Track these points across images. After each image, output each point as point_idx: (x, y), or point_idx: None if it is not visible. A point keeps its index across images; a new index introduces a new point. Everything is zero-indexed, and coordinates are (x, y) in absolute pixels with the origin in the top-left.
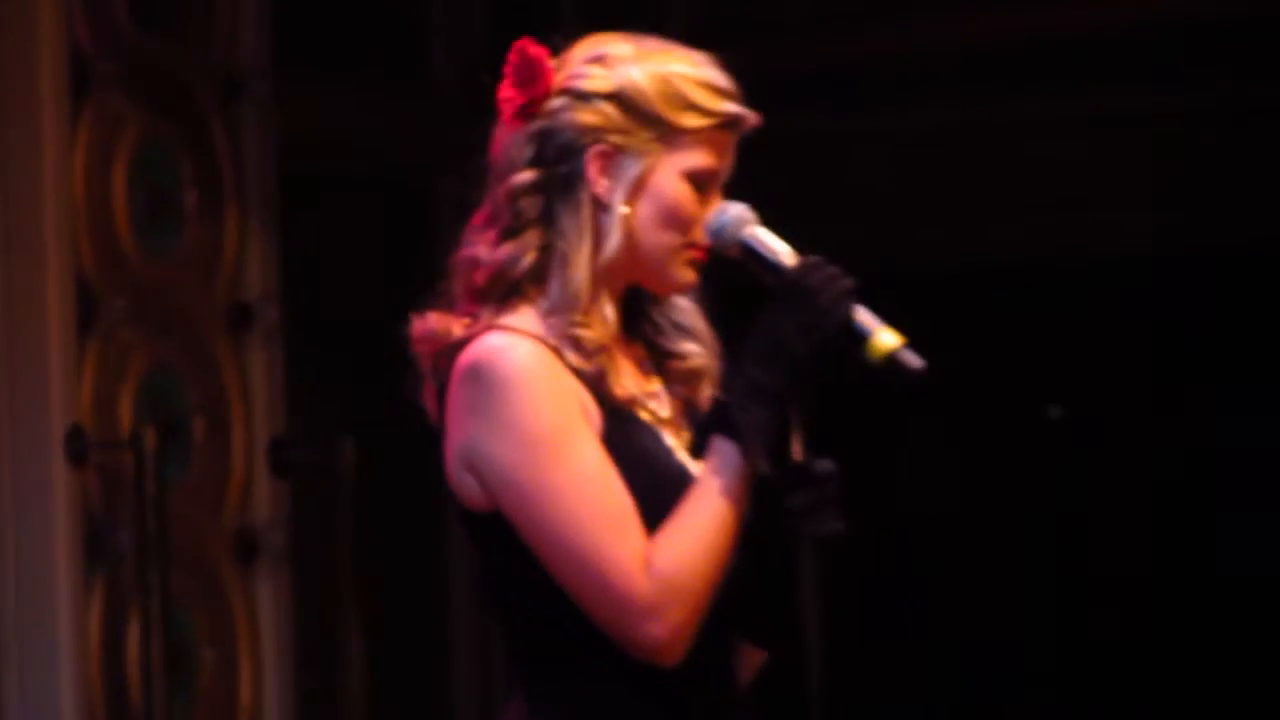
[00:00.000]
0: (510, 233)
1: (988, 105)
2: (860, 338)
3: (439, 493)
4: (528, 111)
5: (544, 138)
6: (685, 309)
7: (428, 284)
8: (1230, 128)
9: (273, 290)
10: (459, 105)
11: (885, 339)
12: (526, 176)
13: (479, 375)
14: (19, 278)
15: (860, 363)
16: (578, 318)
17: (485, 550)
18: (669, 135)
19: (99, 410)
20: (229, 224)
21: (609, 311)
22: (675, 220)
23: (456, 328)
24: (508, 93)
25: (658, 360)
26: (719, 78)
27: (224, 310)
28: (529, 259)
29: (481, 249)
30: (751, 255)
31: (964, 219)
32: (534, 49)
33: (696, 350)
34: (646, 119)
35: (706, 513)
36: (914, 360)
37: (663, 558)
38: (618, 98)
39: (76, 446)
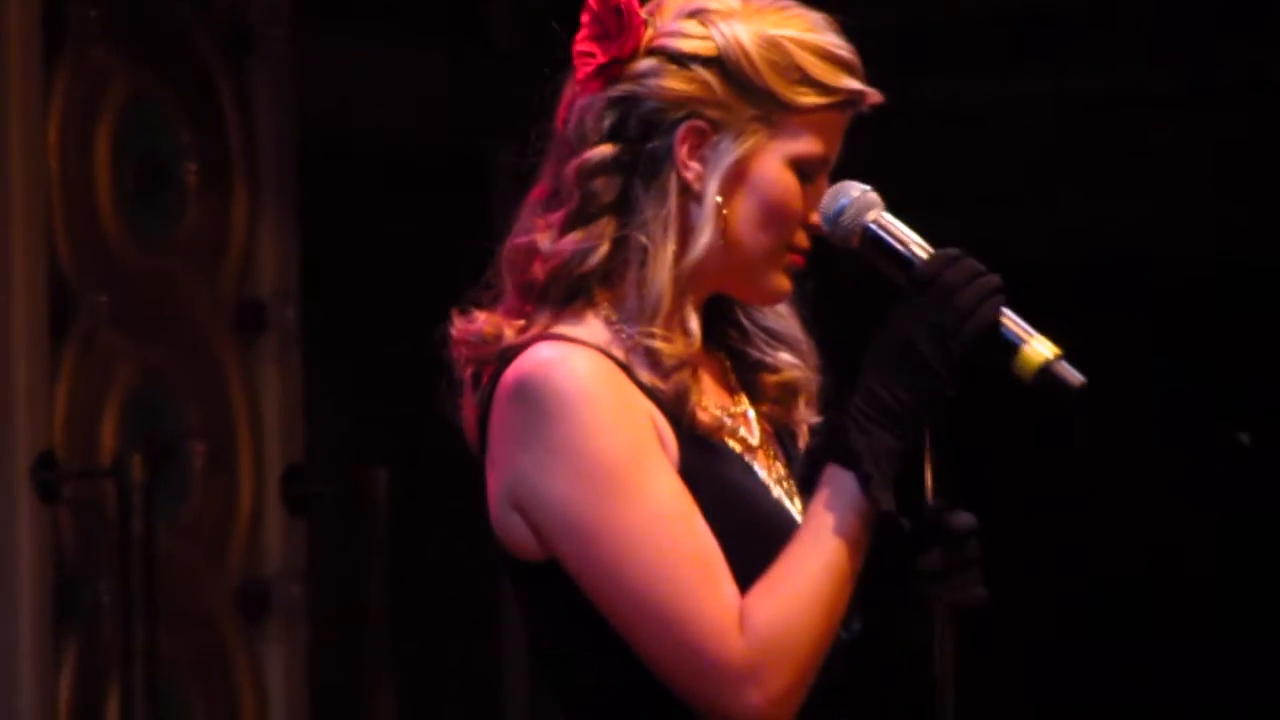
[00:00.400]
0: (579, 219)
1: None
2: (1008, 347)
3: (489, 534)
4: (609, 72)
5: (627, 106)
6: (777, 312)
7: (479, 278)
8: None
9: (290, 286)
10: (518, 59)
11: (1038, 349)
12: (603, 151)
13: (527, 394)
14: None
15: (1007, 376)
16: (656, 328)
17: (538, 607)
18: (777, 114)
19: (74, 432)
20: (237, 204)
21: (692, 321)
22: (777, 218)
23: (509, 331)
24: (585, 46)
25: (743, 373)
26: (840, 46)
27: (231, 310)
28: (601, 253)
29: (542, 237)
30: (876, 246)
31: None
32: None
33: (791, 361)
34: (752, 92)
35: (817, 558)
36: (1073, 375)
37: (762, 612)
38: (719, 64)
39: (46, 477)
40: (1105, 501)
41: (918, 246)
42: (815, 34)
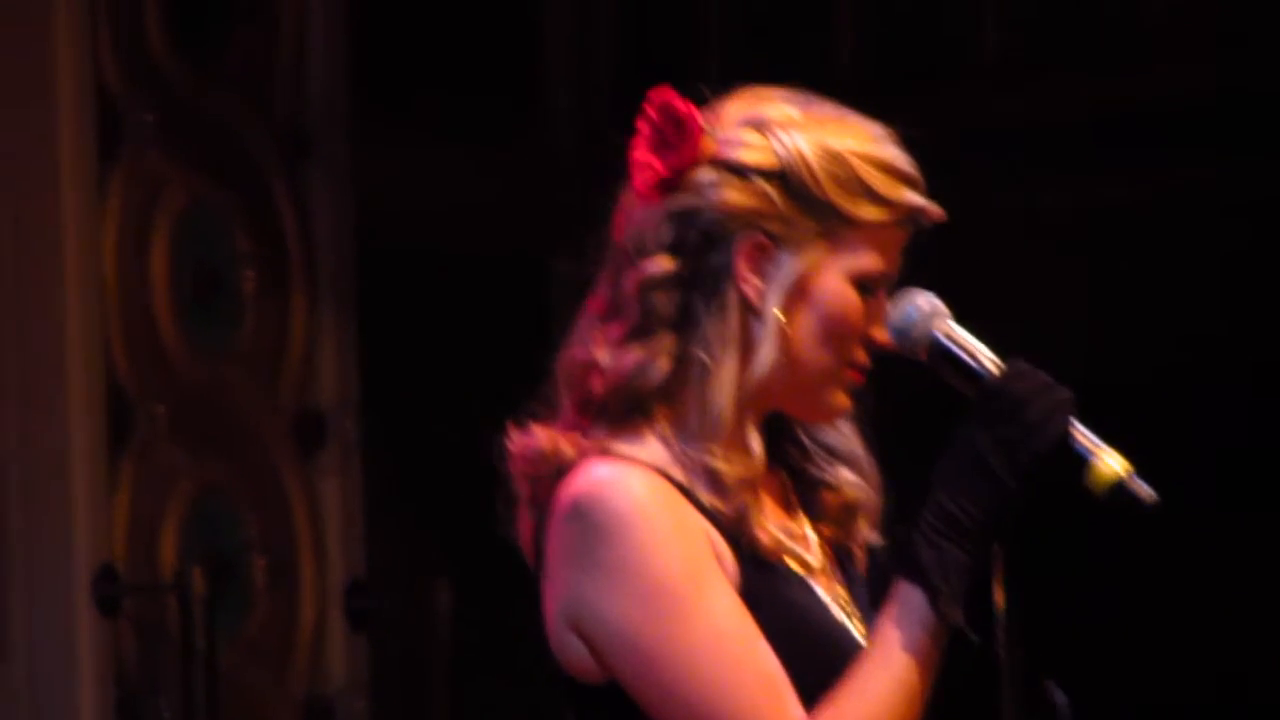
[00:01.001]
0: (639, 334)
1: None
2: (1078, 461)
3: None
4: (670, 184)
5: (687, 218)
6: (838, 428)
7: (538, 387)
8: None
9: (350, 396)
10: (579, 169)
11: (1110, 464)
12: (663, 265)
13: (583, 514)
14: (37, 381)
15: (1078, 490)
16: (717, 448)
17: None
18: (839, 228)
19: (135, 546)
20: (296, 312)
21: (754, 440)
22: (838, 335)
23: (565, 446)
24: (645, 157)
25: (803, 491)
26: (901, 160)
27: (291, 421)
28: (661, 370)
29: (601, 352)
30: (944, 358)
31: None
32: (683, 104)
33: (852, 480)
34: (814, 205)
35: (885, 674)
36: (1144, 490)
37: None
38: (781, 176)
39: (107, 591)
40: (1172, 620)
41: (986, 359)
42: (877, 146)
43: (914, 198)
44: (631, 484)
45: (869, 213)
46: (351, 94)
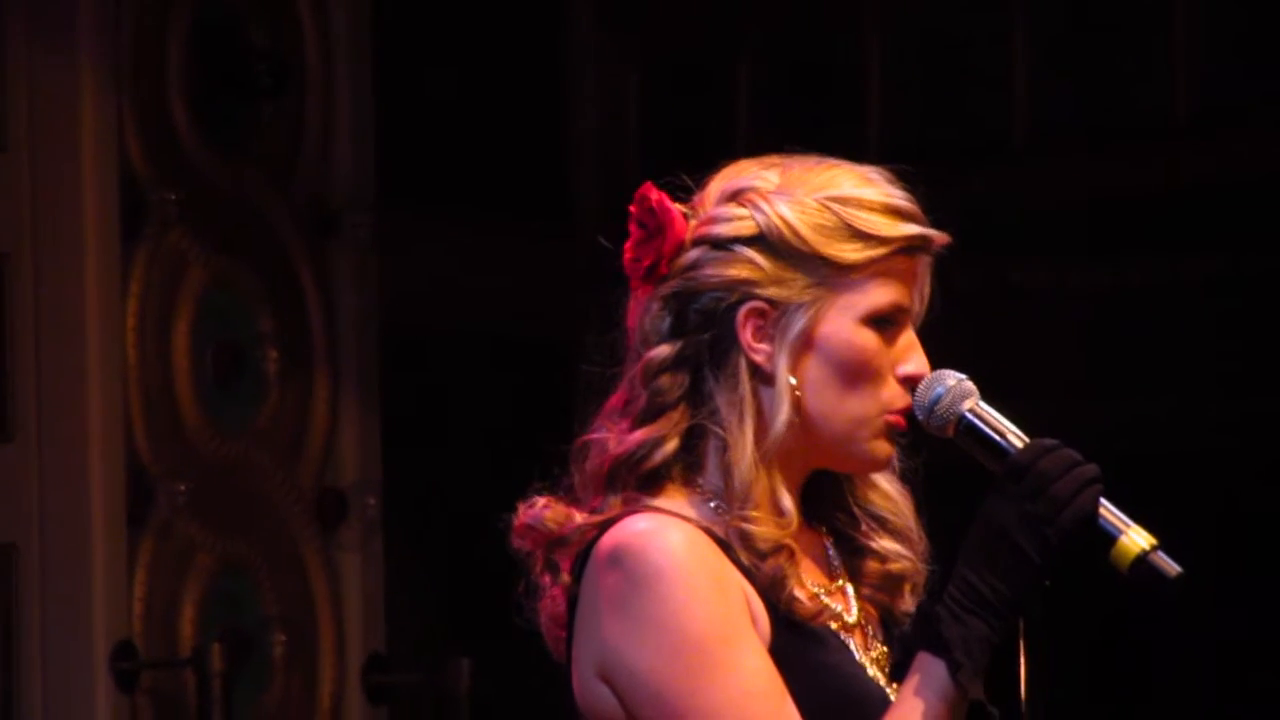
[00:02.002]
0: (647, 417)
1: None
2: (1104, 538)
3: None
4: (657, 273)
5: (681, 300)
6: (888, 497)
7: (562, 464)
8: None
9: (373, 475)
10: (606, 256)
11: (1136, 540)
12: (664, 350)
13: (621, 563)
14: (57, 457)
15: (1103, 568)
16: (749, 512)
17: None
18: (834, 275)
19: (153, 622)
20: (318, 392)
21: (786, 501)
22: (858, 378)
23: (578, 516)
24: (633, 251)
25: (847, 555)
26: (891, 194)
27: (311, 499)
28: (669, 446)
29: (611, 435)
30: (972, 435)
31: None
32: (654, 194)
33: (898, 551)
34: (802, 260)
35: None
36: (1170, 566)
37: None
38: (762, 241)
39: (125, 666)
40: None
41: (1014, 435)
42: (862, 187)
43: (905, 228)
44: (671, 537)
45: (860, 253)
46: (378, 175)
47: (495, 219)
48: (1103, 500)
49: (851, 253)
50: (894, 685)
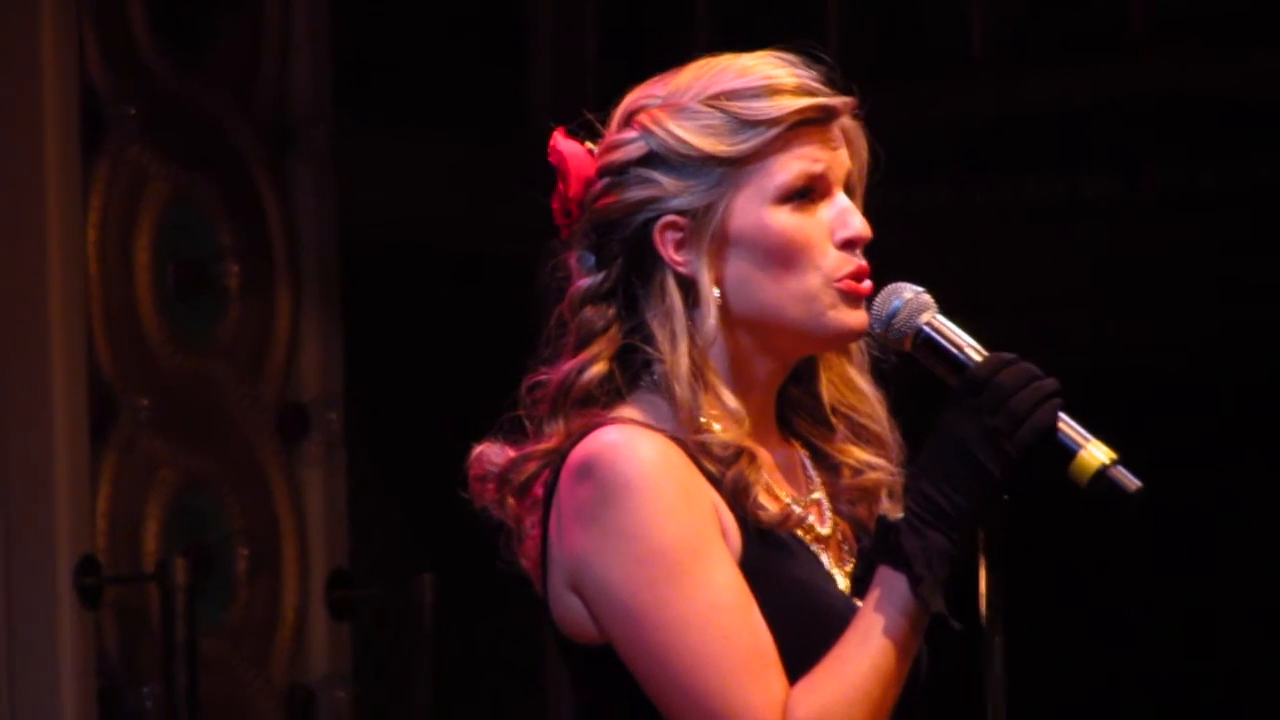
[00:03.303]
0: (577, 348)
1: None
2: (1064, 452)
3: (538, 642)
4: (572, 214)
5: (600, 232)
6: (864, 397)
7: (534, 355)
8: None
9: (335, 390)
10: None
11: (1095, 454)
12: (585, 282)
13: (592, 474)
14: (20, 372)
15: (1062, 481)
16: (700, 420)
17: (590, 689)
18: (733, 170)
19: (116, 537)
20: (280, 306)
21: (732, 403)
22: (789, 259)
23: (511, 451)
24: (554, 200)
25: (824, 470)
26: (772, 75)
27: (274, 414)
28: (595, 369)
29: (550, 372)
30: (930, 349)
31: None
32: (554, 139)
33: (873, 462)
34: (697, 166)
35: (863, 657)
36: (1129, 480)
37: (805, 708)
38: (654, 157)
39: (89, 581)
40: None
41: (972, 349)
42: (743, 76)
43: (791, 103)
44: (641, 448)
45: (749, 142)
46: (336, 88)
47: (454, 131)
48: (1062, 414)
49: (741, 143)
50: (859, 599)
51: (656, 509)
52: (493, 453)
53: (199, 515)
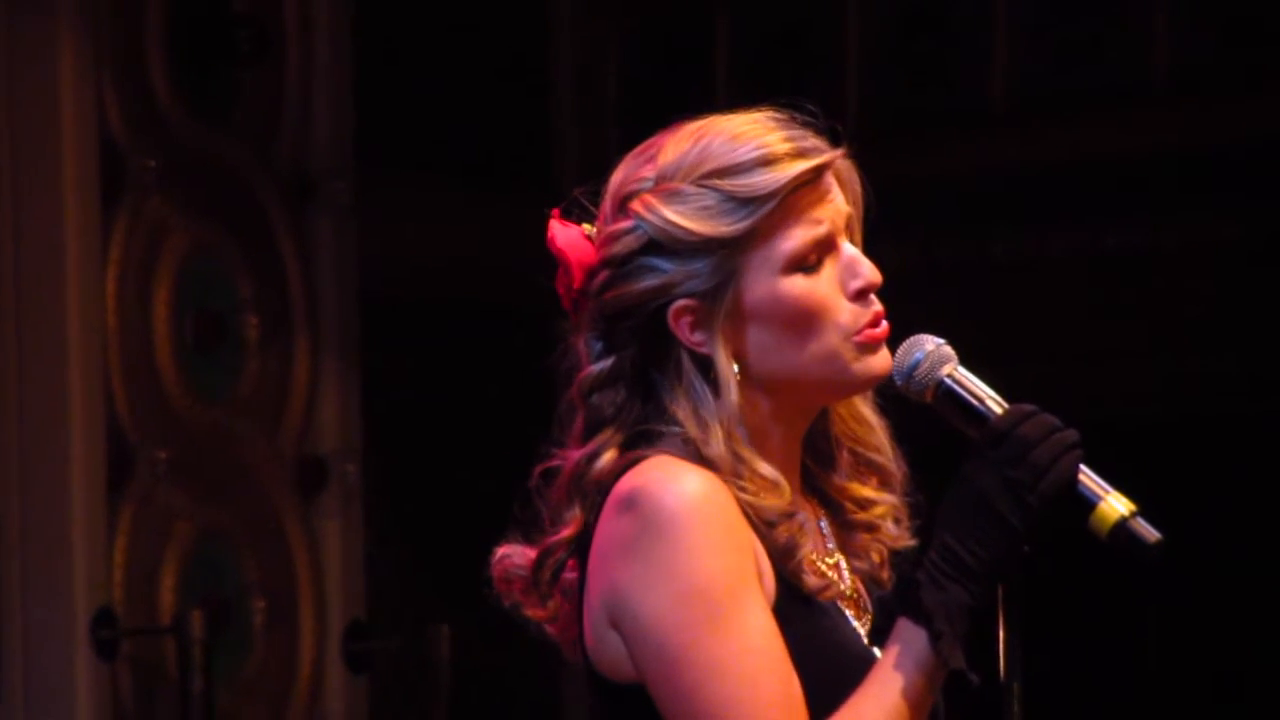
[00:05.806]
0: (586, 435)
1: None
2: (1084, 504)
3: (554, 693)
4: (578, 304)
5: (608, 321)
6: (871, 429)
7: (542, 434)
8: None
9: (353, 442)
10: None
11: (1115, 505)
12: (595, 369)
13: (636, 507)
14: (38, 423)
15: (1083, 533)
16: (745, 483)
17: None
18: (737, 248)
19: (133, 589)
20: (299, 358)
21: (768, 471)
22: (807, 324)
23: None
24: (559, 287)
25: (839, 528)
26: (763, 144)
27: (292, 467)
28: (605, 457)
29: (562, 460)
30: (951, 401)
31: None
32: (553, 233)
33: (880, 498)
34: (701, 248)
35: (879, 711)
36: (1149, 532)
37: None
38: (656, 246)
39: (105, 634)
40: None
41: (993, 401)
42: (731, 150)
43: (786, 173)
44: (688, 482)
45: (749, 219)
46: (357, 141)
47: (475, 185)
48: (1082, 466)
49: (741, 221)
50: (878, 648)
51: (698, 546)
52: (514, 555)
53: (216, 567)
